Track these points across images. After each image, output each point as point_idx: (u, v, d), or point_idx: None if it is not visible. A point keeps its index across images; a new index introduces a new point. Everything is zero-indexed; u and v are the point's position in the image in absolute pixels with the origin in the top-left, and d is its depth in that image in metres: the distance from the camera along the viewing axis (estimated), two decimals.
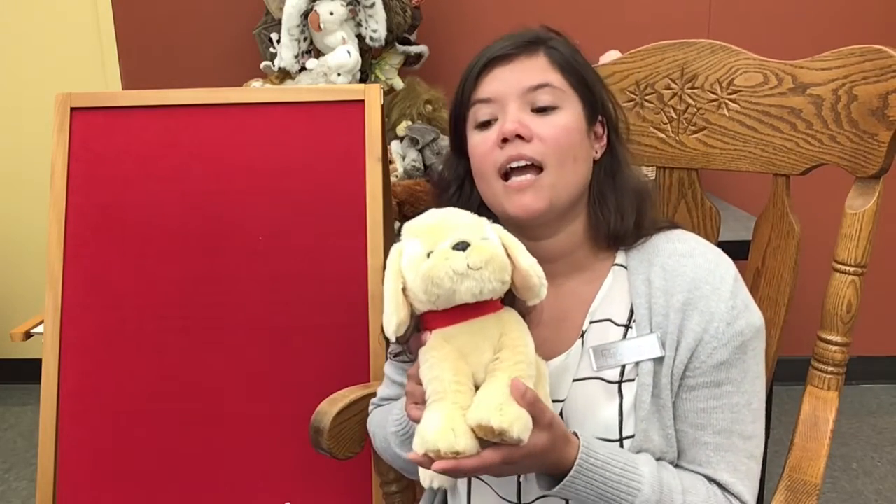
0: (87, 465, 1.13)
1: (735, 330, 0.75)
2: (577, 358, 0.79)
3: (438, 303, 0.68)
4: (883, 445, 2.08)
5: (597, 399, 0.77)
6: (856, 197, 0.87)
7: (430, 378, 0.69)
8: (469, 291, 0.66)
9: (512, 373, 0.67)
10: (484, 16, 2.19)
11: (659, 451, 0.76)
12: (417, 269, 0.68)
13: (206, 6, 2.20)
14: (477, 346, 0.68)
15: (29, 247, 2.35)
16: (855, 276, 0.86)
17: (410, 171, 1.79)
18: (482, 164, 0.79)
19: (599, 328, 0.79)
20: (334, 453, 0.92)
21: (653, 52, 0.99)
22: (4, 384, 2.50)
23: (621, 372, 0.77)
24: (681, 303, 0.76)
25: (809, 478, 0.83)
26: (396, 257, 0.71)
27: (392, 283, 0.70)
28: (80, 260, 1.17)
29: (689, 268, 0.78)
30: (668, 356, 0.76)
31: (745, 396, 0.77)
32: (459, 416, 0.65)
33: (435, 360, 0.69)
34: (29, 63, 2.29)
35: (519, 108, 0.77)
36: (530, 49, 0.80)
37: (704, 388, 0.76)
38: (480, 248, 0.67)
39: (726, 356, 0.75)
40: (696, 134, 0.98)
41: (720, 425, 0.76)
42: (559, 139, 0.76)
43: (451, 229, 0.69)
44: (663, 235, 0.82)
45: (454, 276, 0.66)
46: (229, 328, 1.15)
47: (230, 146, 1.19)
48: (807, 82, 0.88)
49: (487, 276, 0.66)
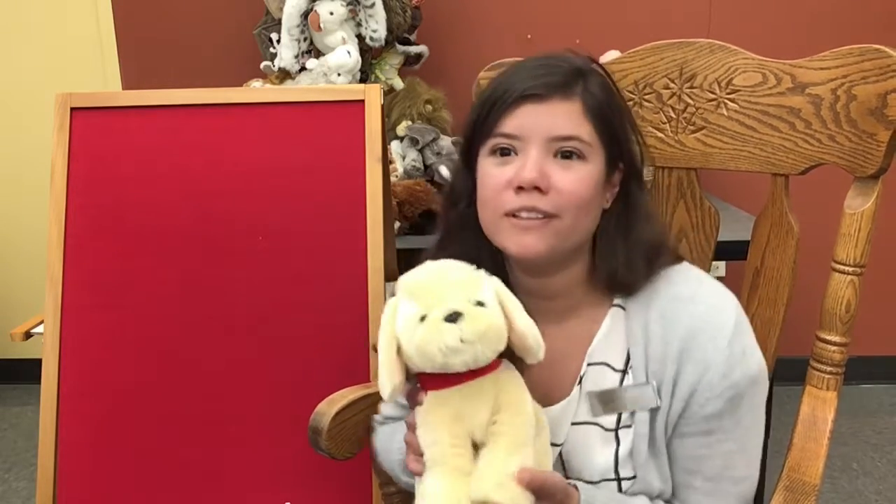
0: (87, 465, 1.13)
1: (730, 382, 0.74)
2: (575, 402, 0.79)
3: (432, 366, 0.67)
4: (883, 445, 2.08)
5: (594, 444, 0.78)
6: (855, 197, 0.87)
7: (428, 442, 0.69)
8: (463, 363, 0.65)
9: (513, 438, 0.67)
10: (484, 16, 2.19)
11: (657, 490, 0.77)
12: (410, 336, 0.67)
13: (206, 6, 2.20)
14: (473, 407, 0.68)
15: (29, 247, 2.35)
16: (854, 276, 0.86)
17: (410, 171, 1.80)
18: (489, 199, 0.75)
19: (597, 371, 0.79)
20: (333, 454, 0.92)
21: (651, 52, 0.99)
22: (4, 384, 2.50)
23: (618, 419, 0.78)
24: (677, 351, 0.75)
25: (808, 478, 0.83)
26: (391, 316, 0.70)
27: (386, 348, 0.69)
28: (80, 260, 1.17)
29: (686, 315, 0.76)
30: (663, 404, 0.76)
31: (737, 444, 0.76)
32: (462, 486, 0.65)
33: (431, 425, 0.69)
34: (29, 63, 2.29)
35: (542, 154, 0.73)
36: (566, 91, 0.74)
37: (696, 437, 0.76)
38: (474, 320, 0.65)
39: (719, 407, 0.74)
40: (694, 133, 0.98)
41: (710, 472, 0.76)
42: (577, 194, 0.73)
43: (445, 291, 0.67)
44: (664, 275, 0.79)
45: (446, 350, 0.64)
46: (229, 328, 1.15)
47: (230, 146, 1.19)
48: (806, 82, 0.88)
49: (481, 350, 0.65)
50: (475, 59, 1.25)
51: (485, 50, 1.99)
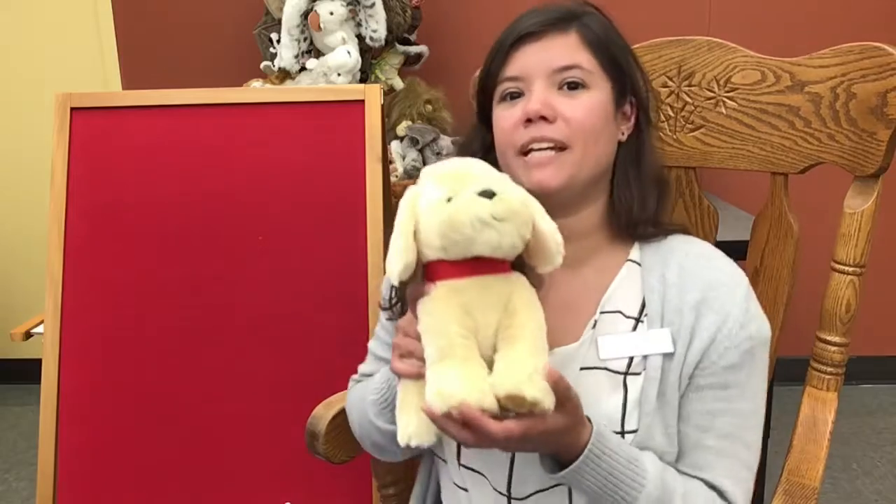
0: (87, 465, 1.13)
1: (747, 333, 0.75)
2: (585, 346, 0.78)
3: (452, 251, 0.64)
4: (883, 445, 2.08)
5: (601, 389, 0.76)
6: (854, 196, 0.86)
7: (433, 331, 0.64)
8: (488, 243, 0.62)
9: (532, 341, 0.63)
10: (484, 16, 2.19)
11: (660, 449, 0.75)
12: (437, 211, 0.64)
13: (206, 6, 2.20)
14: (485, 304, 0.64)
15: (29, 247, 2.35)
16: (854, 276, 0.86)
17: (410, 171, 1.80)
18: (504, 141, 0.78)
19: (609, 319, 0.78)
20: (330, 457, 0.91)
21: (649, 50, 0.99)
22: (4, 384, 2.50)
23: (628, 364, 0.76)
24: (695, 301, 0.75)
25: (808, 481, 0.83)
26: (412, 199, 0.67)
27: (404, 224, 0.66)
28: (80, 260, 1.17)
29: (706, 269, 0.77)
30: (678, 353, 0.75)
31: (750, 403, 0.76)
32: (478, 377, 0.61)
33: (439, 312, 0.64)
34: (29, 63, 2.30)
35: (545, 87, 0.76)
36: (562, 26, 0.78)
37: (712, 390, 0.75)
38: (508, 200, 0.63)
39: (737, 359, 0.74)
40: (693, 132, 0.98)
41: (725, 430, 0.75)
42: (584, 121, 0.75)
43: (475, 178, 0.66)
44: (679, 237, 0.81)
45: (477, 223, 0.62)
46: (229, 328, 1.15)
47: (230, 146, 1.19)
48: (805, 80, 0.88)
49: (509, 230, 0.63)
50: (475, 59, 1.24)
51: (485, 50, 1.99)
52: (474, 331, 0.64)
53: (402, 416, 0.69)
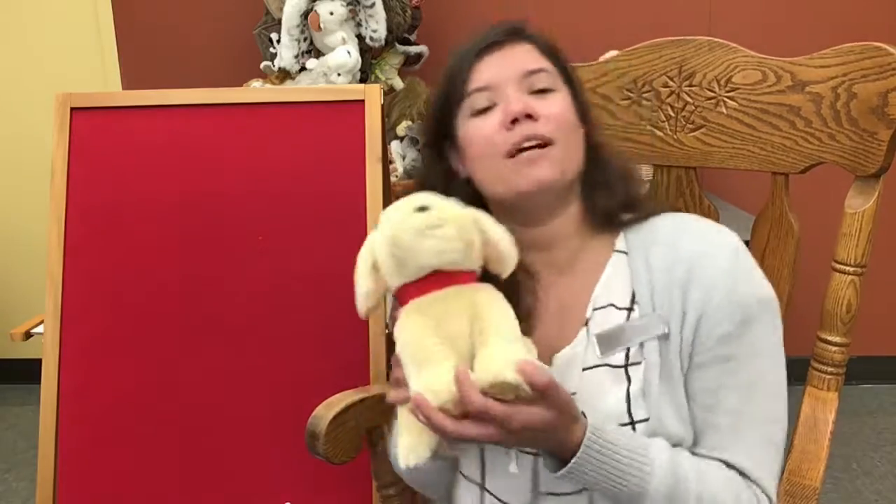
0: (87, 465, 1.13)
1: (737, 298, 0.74)
2: (583, 347, 0.77)
3: (406, 270, 0.68)
4: (883, 445, 2.08)
5: (604, 385, 0.76)
6: (855, 196, 0.86)
7: (409, 346, 0.67)
8: (431, 250, 0.66)
9: (505, 333, 0.66)
10: (484, 16, 2.18)
11: (675, 434, 0.74)
12: (382, 237, 0.69)
13: (206, 6, 2.20)
14: (451, 313, 0.67)
15: (29, 247, 2.35)
16: (854, 276, 0.86)
17: (410, 171, 1.80)
18: (485, 150, 0.77)
19: (602, 314, 0.78)
20: (330, 458, 0.90)
21: (650, 50, 0.99)
22: (4, 384, 2.50)
23: (626, 355, 0.76)
24: (681, 278, 0.75)
25: (809, 481, 0.83)
26: (369, 241, 0.72)
27: (361, 261, 0.72)
28: (80, 260, 1.16)
29: (686, 241, 0.77)
30: (674, 333, 0.75)
31: (755, 374, 0.74)
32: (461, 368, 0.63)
33: (410, 329, 0.67)
34: (29, 63, 2.30)
35: (518, 90, 0.77)
36: (517, 37, 0.81)
37: (712, 366, 0.74)
38: (441, 208, 0.68)
39: (731, 328, 0.73)
40: (694, 132, 0.97)
41: (731, 405, 0.74)
42: (563, 117, 0.77)
43: (416, 200, 0.70)
44: (663, 217, 0.81)
45: (413, 234, 0.66)
46: (229, 328, 1.15)
47: (230, 146, 1.19)
48: (806, 80, 0.88)
49: (450, 235, 0.66)
50: None
51: None
52: (448, 340, 0.66)
53: (399, 440, 0.72)
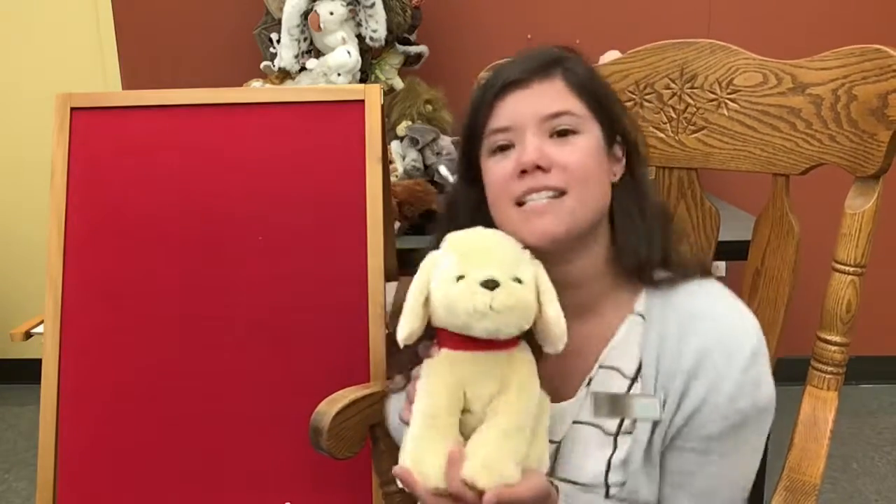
0: (87, 465, 1.13)
1: (736, 407, 0.73)
2: (580, 402, 0.79)
3: (454, 324, 0.68)
4: (883, 445, 2.08)
5: (591, 446, 0.77)
6: (855, 197, 0.87)
7: (426, 393, 0.70)
8: (485, 330, 0.66)
9: (511, 420, 0.68)
10: (484, 16, 2.19)
11: (645, 500, 0.76)
12: (443, 291, 0.68)
13: (206, 6, 2.20)
14: (480, 379, 0.69)
15: (29, 247, 2.35)
16: (854, 276, 0.86)
17: (410, 171, 1.79)
18: (498, 194, 0.77)
19: (606, 375, 0.79)
20: (334, 453, 0.92)
21: (652, 52, 0.99)
22: (4, 384, 2.50)
23: (619, 424, 0.77)
24: (688, 367, 0.74)
25: (808, 478, 0.83)
26: (429, 266, 0.71)
27: (416, 292, 0.70)
28: (80, 260, 1.16)
29: (704, 331, 0.75)
30: (665, 417, 0.75)
31: (729, 469, 0.76)
32: (441, 447, 0.67)
33: (434, 379, 0.70)
34: (29, 63, 2.29)
35: (537, 135, 0.75)
36: (546, 72, 0.77)
37: (690, 453, 0.76)
38: (508, 292, 0.66)
39: (719, 429, 0.74)
40: (695, 133, 0.98)
41: (697, 489, 0.76)
42: (579, 166, 0.74)
43: (488, 257, 0.69)
44: (688, 287, 0.79)
45: (474, 313, 0.66)
46: (229, 328, 1.15)
47: (230, 146, 1.19)
48: (806, 82, 0.88)
49: (506, 322, 0.66)
50: (475, 59, 1.25)
51: (485, 50, 1.98)
52: (461, 403, 0.69)
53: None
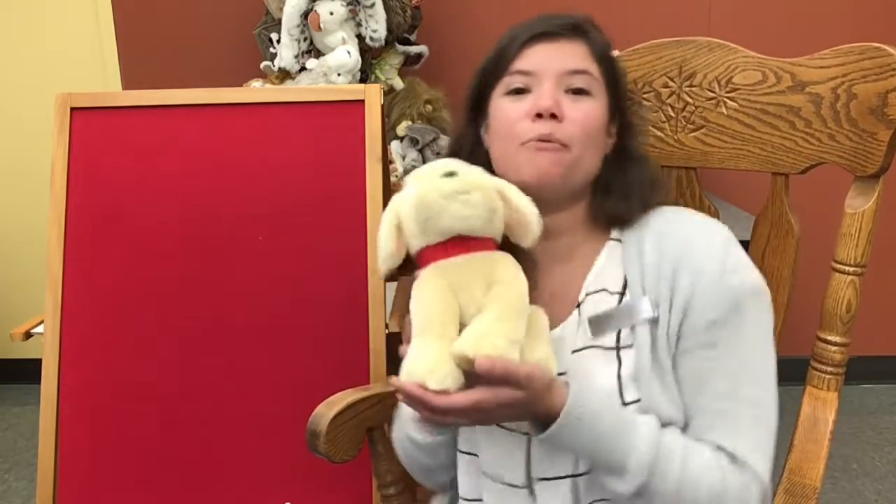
0: (87, 465, 1.13)
1: (726, 286, 0.75)
2: (573, 329, 0.79)
3: (429, 230, 0.70)
4: (883, 445, 2.08)
5: (595, 367, 0.77)
6: (855, 196, 0.86)
7: (419, 308, 0.70)
8: (456, 214, 0.68)
9: (503, 307, 0.68)
10: (484, 16, 2.19)
11: (667, 416, 0.74)
12: (408, 197, 0.70)
13: (206, 6, 2.20)
14: (468, 281, 0.69)
15: (29, 247, 2.35)
16: (854, 276, 0.86)
17: (410, 171, 1.79)
18: (508, 131, 0.79)
19: (595, 299, 0.80)
20: (331, 457, 0.91)
21: (651, 51, 0.99)
22: (4, 384, 2.50)
23: (617, 338, 0.77)
24: (671, 263, 0.77)
25: (808, 480, 0.83)
26: (396, 199, 0.74)
27: (388, 216, 0.73)
28: (80, 260, 1.17)
29: (678, 230, 0.79)
30: (662, 319, 0.76)
31: (742, 360, 0.75)
32: (445, 350, 0.66)
33: (425, 293, 0.70)
34: (29, 63, 2.29)
35: (555, 86, 0.78)
36: (574, 34, 0.81)
37: (698, 350, 0.75)
38: (468, 175, 0.70)
39: (718, 314, 0.74)
40: (694, 132, 0.98)
41: (719, 389, 0.74)
42: (588, 124, 0.78)
43: (445, 165, 0.72)
44: (658, 210, 0.83)
45: (440, 198, 0.68)
46: (229, 328, 1.15)
47: (230, 146, 1.19)
48: (806, 80, 0.88)
49: (475, 201, 0.69)
50: (475, 59, 1.24)
51: (485, 50, 1.98)
52: (457, 309, 0.69)
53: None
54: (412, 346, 0.69)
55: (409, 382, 0.67)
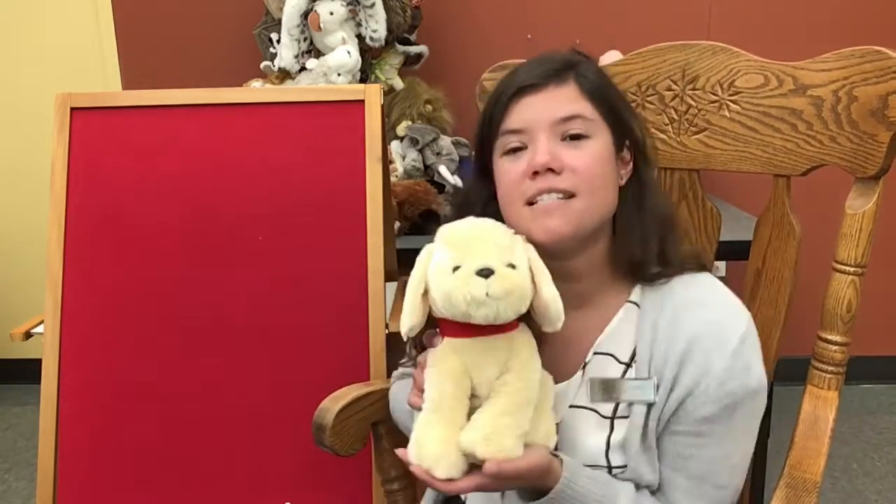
0: (87, 465, 1.13)
1: (726, 390, 0.75)
2: (576, 386, 0.81)
3: (454, 315, 0.70)
4: (883, 445, 2.08)
5: (588, 428, 0.79)
6: (856, 197, 0.87)
7: (432, 386, 0.72)
8: (484, 318, 0.68)
9: (513, 398, 0.69)
10: (484, 16, 2.19)
11: (646, 482, 0.78)
12: (440, 281, 0.69)
13: (206, 6, 2.20)
14: (483, 363, 0.70)
15: (29, 247, 2.35)
16: (855, 277, 0.86)
17: (410, 171, 1.80)
18: (509, 193, 0.79)
19: (601, 361, 0.80)
20: (337, 450, 0.93)
21: (654, 54, 0.99)
22: (4, 384, 2.50)
23: (614, 409, 0.79)
24: (680, 352, 0.76)
25: (810, 475, 0.83)
26: (425, 259, 0.73)
27: (414, 286, 0.72)
28: (80, 260, 1.17)
29: (695, 318, 0.77)
30: (659, 401, 0.77)
31: (724, 451, 0.78)
32: (451, 435, 0.69)
33: (439, 369, 0.71)
34: (29, 63, 2.29)
35: (549, 138, 0.77)
36: (560, 77, 0.79)
37: (685, 436, 0.77)
38: (503, 279, 0.68)
39: (712, 412, 0.76)
40: (697, 135, 0.98)
41: (694, 472, 0.78)
42: (589, 170, 0.76)
43: (481, 247, 0.70)
44: (682, 278, 0.81)
45: (471, 301, 0.67)
46: (229, 328, 1.15)
47: (230, 146, 1.19)
48: (807, 83, 0.88)
49: (504, 307, 0.68)
50: (475, 59, 1.25)
51: (485, 50, 1.99)
52: (468, 389, 0.71)
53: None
54: (421, 424, 0.71)
55: (417, 467, 0.70)
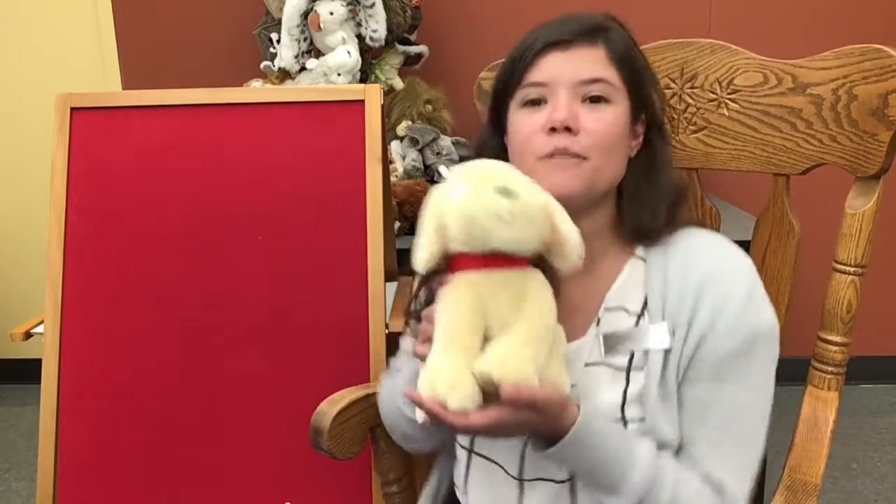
0: (87, 465, 1.13)
1: (744, 322, 0.74)
2: (589, 343, 0.79)
3: (472, 244, 0.67)
4: (883, 445, 2.08)
5: (604, 383, 0.77)
6: (856, 197, 0.87)
7: (445, 317, 0.68)
8: (504, 238, 0.66)
9: (528, 331, 0.67)
10: (484, 16, 2.19)
11: (666, 437, 0.75)
12: (459, 206, 0.67)
13: (206, 6, 2.20)
14: (498, 297, 0.68)
15: (29, 247, 2.35)
16: (855, 277, 0.86)
17: (410, 171, 1.80)
18: (524, 145, 0.78)
19: (613, 316, 0.79)
20: (334, 453, 0.92)
21: (653, 52, 0.99)
22: (4, 384, 2.50)
23: (629, 360, 0.77)
24: (694, 292, 0.76)
25: (809, 478, 0.83)
26: (438, 195, 0.71)
27: (430, 217, 0.70)
28: (80, 260, 1.17)
29: (706, 259, 0.78)
30: (676, 346, 0.76)
31: (744, 397, 0.76)
32: (465, 364, 0.65)
33: (454, 301, 0.68)
34: (29, 63, 2.29)
35: (570, 97, 0.76)
36: (590, 38, 0.78)
37: (704, 382, 0.76)
38: (525, 200, 0.66)
39: (730, 349, 0.74)
40: (695, 133, 0.98)
41: (716, 420, 0.75)
42: (606, 134, 0.76)
43: (502, 176, 0.68)
44: (687, 231, 0.81)
45: (494, 218, 0.65)
46: (229, 328, 1.15)
47: (230, 146, 1.19)
48: (807, 82, 0.88)
49: (525, 228, 0.66)
50: (475, 59, 1.25)
51: (485, 50, 1.98)
52: (482, 324, 0.67)
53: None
54: (434, 354, 0.68)
55: (428, 399, 0.66)
